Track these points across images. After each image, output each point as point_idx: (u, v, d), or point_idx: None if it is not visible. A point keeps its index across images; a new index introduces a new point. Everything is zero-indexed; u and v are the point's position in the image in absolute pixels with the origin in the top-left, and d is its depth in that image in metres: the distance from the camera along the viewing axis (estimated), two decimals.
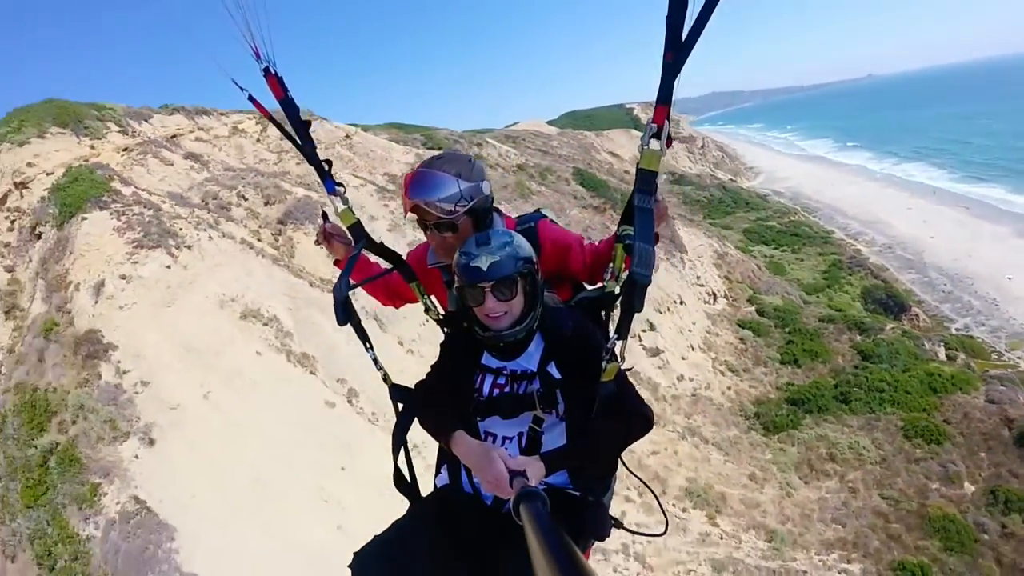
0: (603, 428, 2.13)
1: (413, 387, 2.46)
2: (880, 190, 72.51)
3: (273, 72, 2.34)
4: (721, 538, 15.61)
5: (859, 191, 72.80)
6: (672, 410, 20.25)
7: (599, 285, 2.55)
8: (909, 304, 39.44)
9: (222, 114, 26.68)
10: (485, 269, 2.11)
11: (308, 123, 2.53)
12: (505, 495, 1.78)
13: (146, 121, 21.89)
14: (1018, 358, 33.08)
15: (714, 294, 31.76)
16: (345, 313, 2.43)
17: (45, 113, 17.81)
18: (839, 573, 15.96)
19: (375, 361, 2.60)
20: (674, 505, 15.68)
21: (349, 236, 2.80)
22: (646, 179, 1.97)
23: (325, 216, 2.95)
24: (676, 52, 1.74)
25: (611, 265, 2.38)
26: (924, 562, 16.80)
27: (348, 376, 12.21)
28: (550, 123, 74.00)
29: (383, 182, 24.24)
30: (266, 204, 17.00)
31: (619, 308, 2.07)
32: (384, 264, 2.84)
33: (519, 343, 2.24)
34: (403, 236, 19.16)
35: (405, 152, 28.05)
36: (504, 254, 2.13)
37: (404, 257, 2.80)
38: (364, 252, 2.78)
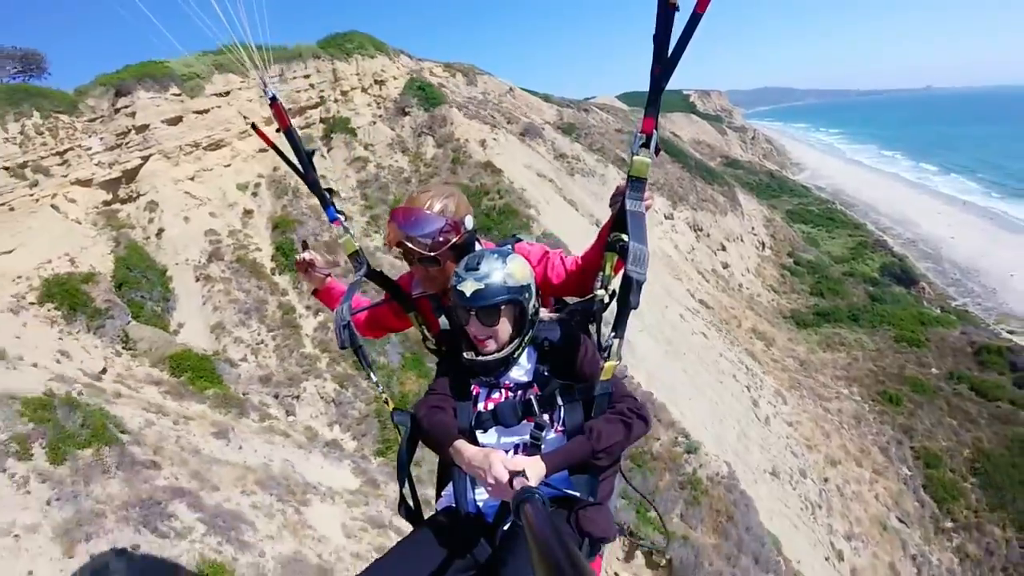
0: (602, 428, 2.26)
1: (413, 408, 2.56)
2: (915, 196, 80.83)
3: (279, 102, 2.60)
4: (773, 358, 26.77)
5: (895, 195, 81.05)
6: (738, 296, 31.43)
7: (588, 296, 2.60)
8: (918, 279, 49.41)
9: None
10: (468, 295, 2.26)
11: (312, 152, 2.77)
12: (506, 496, 1.89)
13: (400, 56, 32.68)
14: (1000, 328, 43.32)
15: (763, 243, 42.68)
16: (349, 337, 2.66)
17: (366, 41, 28.30)
18: (843, 389, 27.03)
19: (377, 385, 2.81)
20: (748, 336, 26.85)
21: (327, 269, 3.08)
22: (636, 186, 2.21)
23: (305, 245, 3.09)
24: (663, 66, 1.97)
25: (601, 273, 2.45)
26: (898, 393, 27.79)
27: (594, 214, 23.38)
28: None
29: (541, 124, 35.05)
30: (509, 122, 28.12)
31: (616, 307, 2.21)
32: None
33: (501, 363, 2.38)
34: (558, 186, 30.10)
35: (549, 107, 38.87)
36: (490, 282, 2.26)
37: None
38: (336, 281, 3.10)
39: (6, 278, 16.76)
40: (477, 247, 2.65)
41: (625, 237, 2.22)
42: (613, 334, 2.24)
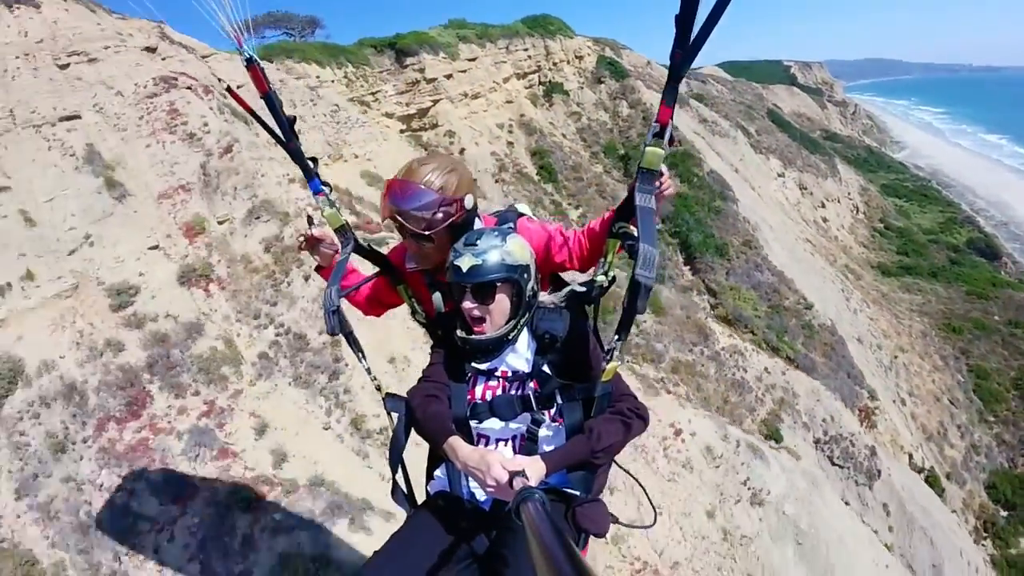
0: (602, 428, 2.33)
1: (406, 394, 2.58)
2: (1015, 181, 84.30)
3: (256, 63, 2.45)
4: (860, 286, 35.70)
5: (994, 179, 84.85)
6: (834, 243, 40.33)
7: (587, 279, 2.65)
8: (1002, 254, 55.30)
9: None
10: (464, 271, 2.30)
11: (293, 119, 2.65)
12: (506, 496, 1.92)
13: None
14: None
15: (857, 207, 50.66)
16: (339, 324, 2.59)
17: (562, 24, 37.55)
18: (916, 318, 35.72)
19: (368, 371, 2.82)
20: (842, 269, 35.83)
21: (337, 243, 2.96)
22: (647, 178, 2.20)
23: (310, 220, 2.97)
24: (684, 52, 1.91)
25: (603, 259, 2.54)
26: (961, 326, 36.11)
27: (733, 163, 32.75)
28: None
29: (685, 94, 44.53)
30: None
31: (621, 311, 2.19)
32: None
33: (495, 344, 2.42)
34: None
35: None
36: (488, 259, 2.29)
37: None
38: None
39: (353, 170, 27.50)
40: (477, 223, 2.71)
41: (633, 230, 2.28)
42: (616, 337, 2.26)
